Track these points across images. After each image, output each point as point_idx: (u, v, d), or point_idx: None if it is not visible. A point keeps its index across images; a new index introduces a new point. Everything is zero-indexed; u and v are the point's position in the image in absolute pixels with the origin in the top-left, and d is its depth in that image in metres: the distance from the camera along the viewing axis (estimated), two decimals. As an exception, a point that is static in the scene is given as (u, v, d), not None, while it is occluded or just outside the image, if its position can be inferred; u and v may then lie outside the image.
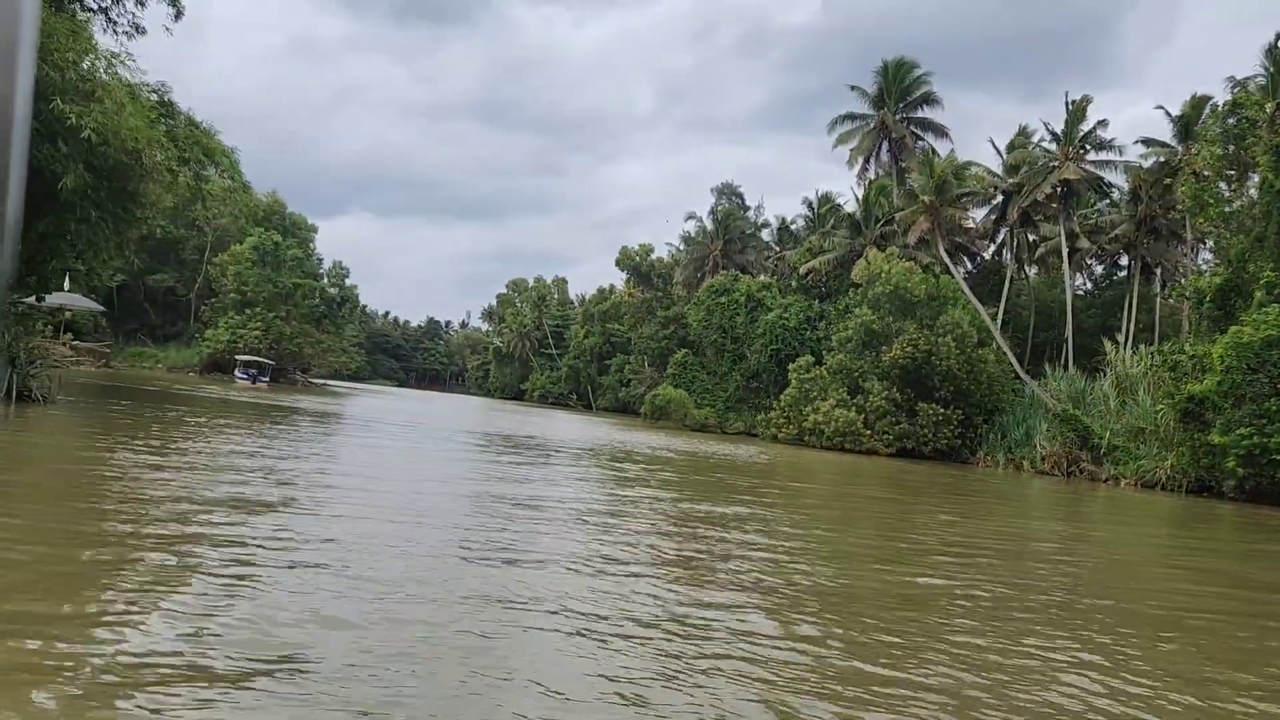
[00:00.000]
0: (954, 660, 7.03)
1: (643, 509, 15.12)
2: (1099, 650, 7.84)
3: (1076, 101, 52.49)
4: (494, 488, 16.41)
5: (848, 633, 7.65)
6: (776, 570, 10.30)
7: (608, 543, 11.13)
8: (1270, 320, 32.40)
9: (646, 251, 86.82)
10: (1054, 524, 21.47)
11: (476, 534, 10.76)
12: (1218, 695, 6.77)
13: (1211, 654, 8.30)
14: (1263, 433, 31.26)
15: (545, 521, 12.58)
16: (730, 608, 8.15)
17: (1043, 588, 11.10)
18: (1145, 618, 9.76)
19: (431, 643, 6.22)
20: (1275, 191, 34.88)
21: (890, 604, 9.13)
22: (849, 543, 14.12)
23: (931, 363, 43.72)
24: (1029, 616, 9.16)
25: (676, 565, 10.14)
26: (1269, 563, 17.65)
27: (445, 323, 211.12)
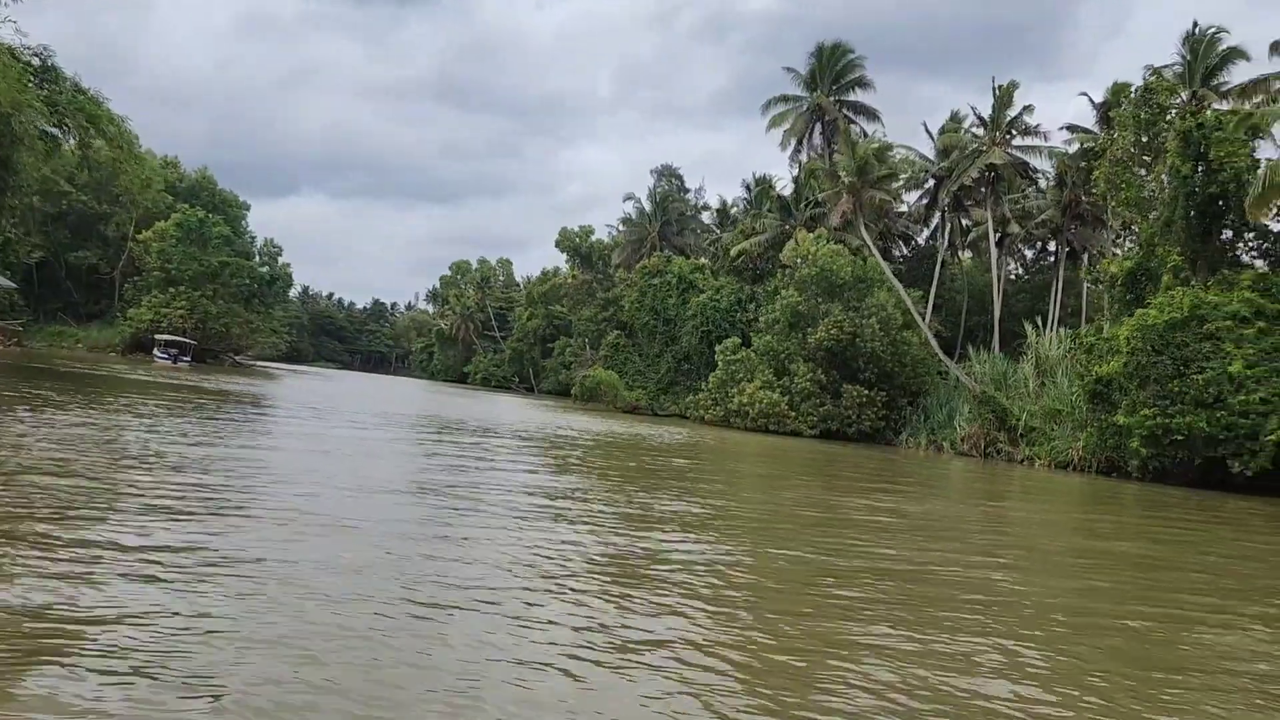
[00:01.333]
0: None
1: (557, 510, 14.88)
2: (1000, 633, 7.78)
3: (1003, 87, 53.10)
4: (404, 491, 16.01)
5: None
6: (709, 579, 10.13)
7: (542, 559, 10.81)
8: (1174, 303, 33.00)
9: (587, 233, 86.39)
10: (947, 504, 21.65)
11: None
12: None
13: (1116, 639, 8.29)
14: (1165, 413, 31.87)
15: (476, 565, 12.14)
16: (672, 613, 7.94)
17: (931, 563, 11.08)
18: (1037, 595, 9.76)
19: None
20: (1182, 177, 35.43)
21: (809, 579, 9.01)
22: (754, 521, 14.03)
23: (856, 345, 44.01)
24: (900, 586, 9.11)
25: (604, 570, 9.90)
26: (1145, 541, 17.94)
27: (391, 305, 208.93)
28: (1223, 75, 46.13)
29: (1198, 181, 35.48)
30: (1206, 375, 31.56)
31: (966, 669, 6.57)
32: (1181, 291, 33.55)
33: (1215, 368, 31.51)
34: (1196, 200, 35.68)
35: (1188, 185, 35.63)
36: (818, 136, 55.79)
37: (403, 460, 18.44)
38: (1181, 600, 10.28)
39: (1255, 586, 12.16)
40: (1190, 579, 12.18)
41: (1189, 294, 33.15)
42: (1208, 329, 32.29)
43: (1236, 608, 10.07)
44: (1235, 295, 32.47)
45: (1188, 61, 46.48)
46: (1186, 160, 35.56)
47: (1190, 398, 31.64)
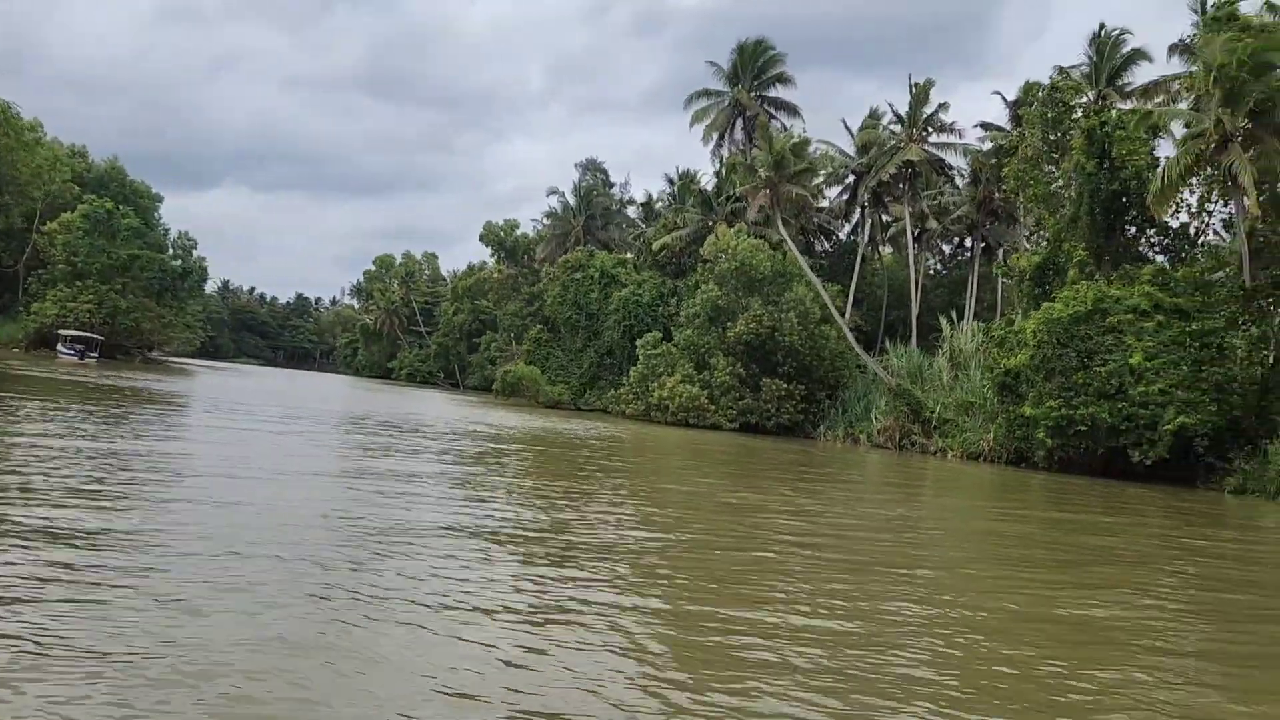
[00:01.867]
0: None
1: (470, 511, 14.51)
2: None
3: (920, 85, 53.95)
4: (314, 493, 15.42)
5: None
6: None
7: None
8: (1078, 297, 33.86)
9: (512, 227, 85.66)
10: (846, 492, 21.86)
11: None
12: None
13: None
14: (1070, 405, 32.69)
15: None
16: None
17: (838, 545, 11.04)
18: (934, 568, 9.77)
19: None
20: (1087, 174, 36.39)
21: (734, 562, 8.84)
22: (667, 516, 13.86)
23: (775, 339, 44.30)
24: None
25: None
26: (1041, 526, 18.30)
27: (316, 300, 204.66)
28: (1127, 76, 47.49)
29: (1101, 179, 36.48)
30: (1109, 367, 32.46)
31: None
32: (1085, 286, 34.44)
33: (1117, 360, 32.42)
34: (1101, 197, 36.68)
35: (1092, 182, 36.61)
36: (739, 132, 56.05)
37: (302, 458, 17.89)
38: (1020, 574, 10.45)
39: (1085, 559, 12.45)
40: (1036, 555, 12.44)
41: (1092, 288, 34.04)
42: (1110, 322, 33.19)
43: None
44: (1136, 289, 33.43)
45: (1094, 62, 47.73)
46: (1091, 158, 36.53)
47: (1093, 389, 32.51)
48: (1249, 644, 8.56)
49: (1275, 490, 28.59)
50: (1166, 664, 7.34)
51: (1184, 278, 33.65)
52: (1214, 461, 31.95)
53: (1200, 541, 17.08)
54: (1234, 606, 10.54)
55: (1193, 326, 32.08)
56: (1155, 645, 7.93)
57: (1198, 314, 32.60)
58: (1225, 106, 29.67)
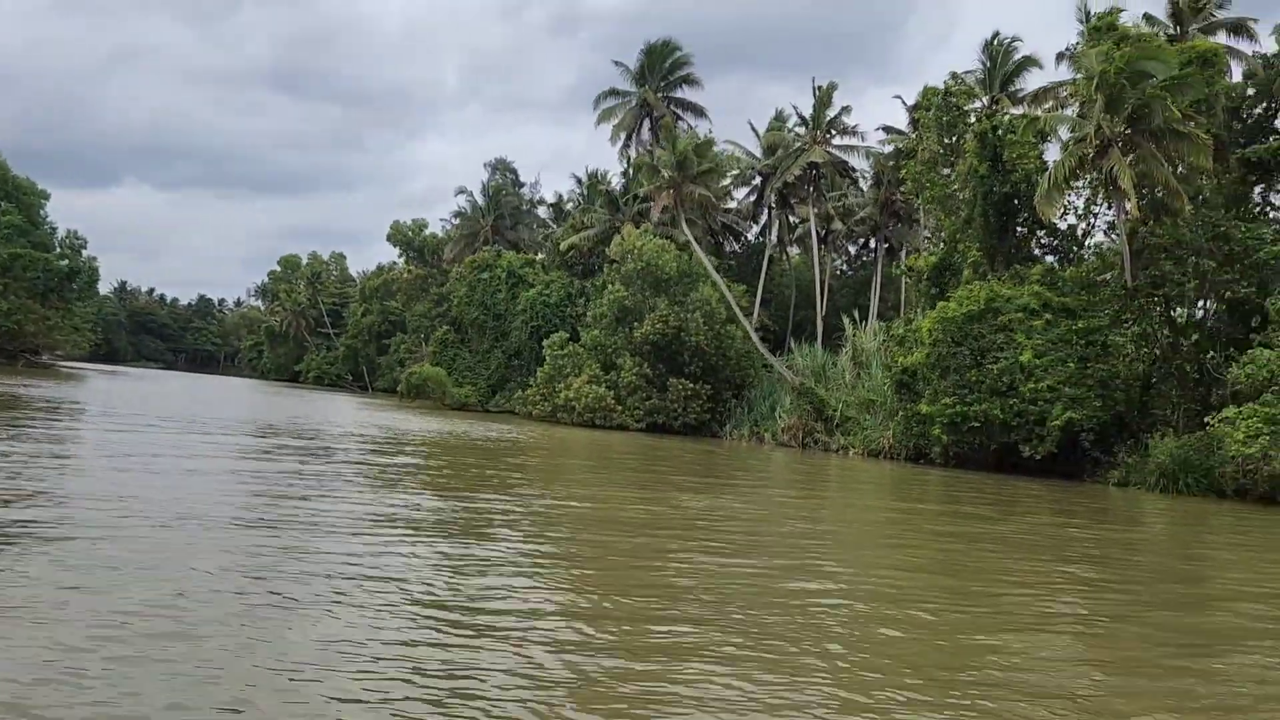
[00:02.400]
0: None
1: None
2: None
3: (823, 88, 54.80)
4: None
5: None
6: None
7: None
8: (972, 296, 34.70)
9: (420, 227, 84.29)
10: (735, 494, 21.91)
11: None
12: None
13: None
14: (964, 402, 33.46)
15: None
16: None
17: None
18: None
19: None
20: (980, 177, 37.33)
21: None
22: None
23: (681, 339, 44.40)
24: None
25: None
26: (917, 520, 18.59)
27: (220, 301, 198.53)
28: (1019, 82, 49.06)
29: (993, 181, 37.47)
30: (1000, 365, 33.32)
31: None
32: (978, 286, 35.33)
33: (1008, 358, 33.30)
34: (993, 199, 37.68)
35: (984, 185, 37.56)
36: (646, 132, 56.10)
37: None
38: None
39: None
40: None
41: (985, 288, 34.93)
42: (1001, 321, 34.09)
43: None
44: (1026, 289, 34.42)
45: (988, 68, 49.18)
46: (983, 161, 37.48)
47: (986, 386, 33.34)
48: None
49: (1154, 482, 29.68)
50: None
51: (1071, 278, 34.78)
52: (1099, 455, 33.10)
53: (1067, 530, 17.56)
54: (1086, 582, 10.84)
55: (1079, 325, 33.17)
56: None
57: (1084, 313, 33.73)
58: (1105, 112, 30.70)
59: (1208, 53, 33.36)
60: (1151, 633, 8.87)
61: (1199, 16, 39.23)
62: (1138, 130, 31.11)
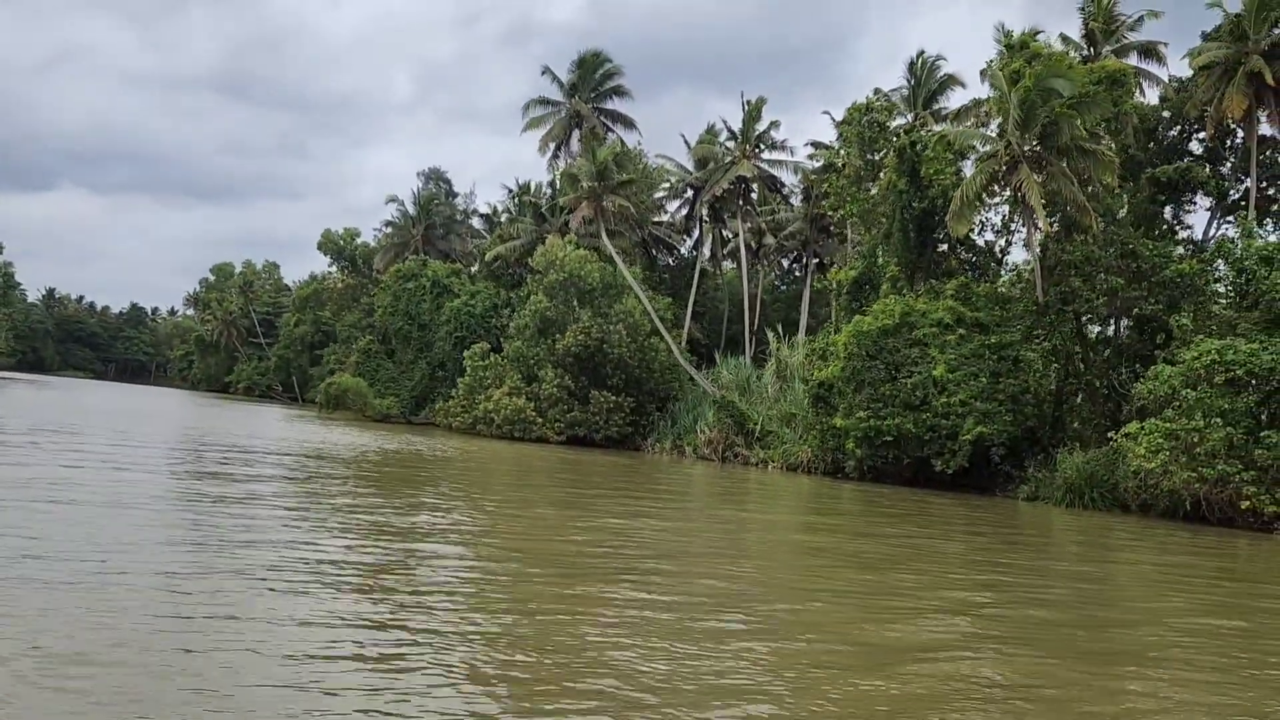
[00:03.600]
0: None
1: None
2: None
3: (752, 102, 54.85)
4: None
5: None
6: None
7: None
8: (887, 310, 34.72)
9: (352, 235, 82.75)
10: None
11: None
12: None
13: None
14: (878, 416, 33.39)
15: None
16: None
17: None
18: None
19: None
20: (899, 192, 37.47)
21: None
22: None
23: (604, 351, 43.88)
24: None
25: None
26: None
27: (153, 310, 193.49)
28: (942, 100, 49.47)
29: (912, 197, 37.64)
30: (914, 379, 33.33)
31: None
32: (894, 300, 35.37)
33: (922, 372, 33.32)
34: (911, 214, 37.85)
35: (903, 200, 37.71)
36: (576, 143, 55.62)
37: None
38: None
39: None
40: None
41: (900, 302, 34.98)
42: (916, 335, 34.13)
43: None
44: (941, 304, 34.51)
45: (912, 86, 49.54)
46: (902, 176, 37.63)
47: (900, 400, 33.32)
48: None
49: (1061, 497, 29.83)
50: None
51: (984, 293, 34.96)
52: (1011, 470, 33.26)
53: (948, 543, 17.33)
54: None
55: (991, 340, 33.34)
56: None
57: (996, 328, 33.92)
58: (1015, 130, 30.95)
59: (1116, 73, 33.87)
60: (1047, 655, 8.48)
61: (1111, 39, 39.91)
62: (1047, 147, 31.41)
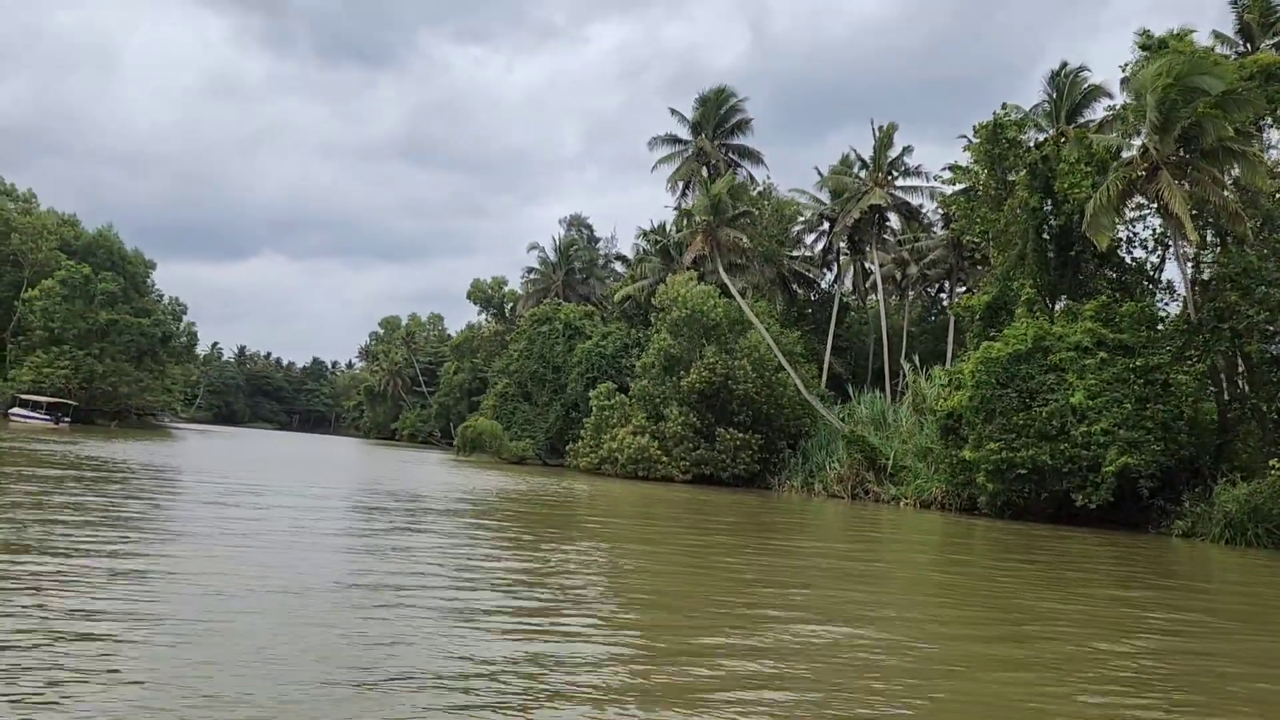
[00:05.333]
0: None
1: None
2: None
3: (883, 129, 53.30)
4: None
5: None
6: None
7: None
8: (1018, 334, 32.56)
9: (499, 284, 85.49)
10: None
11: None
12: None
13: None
14: (1010, 447, 31.19)
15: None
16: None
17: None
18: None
19: None
20: (1031, 209, 35.32)
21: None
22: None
23: (729, 387, 43.11)
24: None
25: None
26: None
27: (333, 363, 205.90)
28: (1087, 113, 46.53)
29: (1046, 214, 35.41)
30: (1050, 407, 31.04)
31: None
32: (1026, 323, 33.15)
33: (1059, 399, 31.00)
34: (1049, 232, 35.58)
35: (1036, 218, 35.55)
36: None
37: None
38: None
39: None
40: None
41: (1033, 325, 32.77)
42: (1052, 360, 31.86)
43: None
44: (1079, 326, 32.11)
45: (1054, 100, 46.86)
46: (1034, 193, 35.52)
47: (1034, 430, 31.06)
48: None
49: (1219, 533, 26.89)
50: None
51: (1128, 313, 32.23)
52: (1165, 504, 30.29)
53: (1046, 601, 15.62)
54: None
55: (1137, 363, 30.65)
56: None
57: (1143, 350, 31.18)
58: (1154, 133, 28.58)
59: (1272, 66, 30.82)
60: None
61: (1269, 32, 36.48)
62: (1190, 151, 28.82)
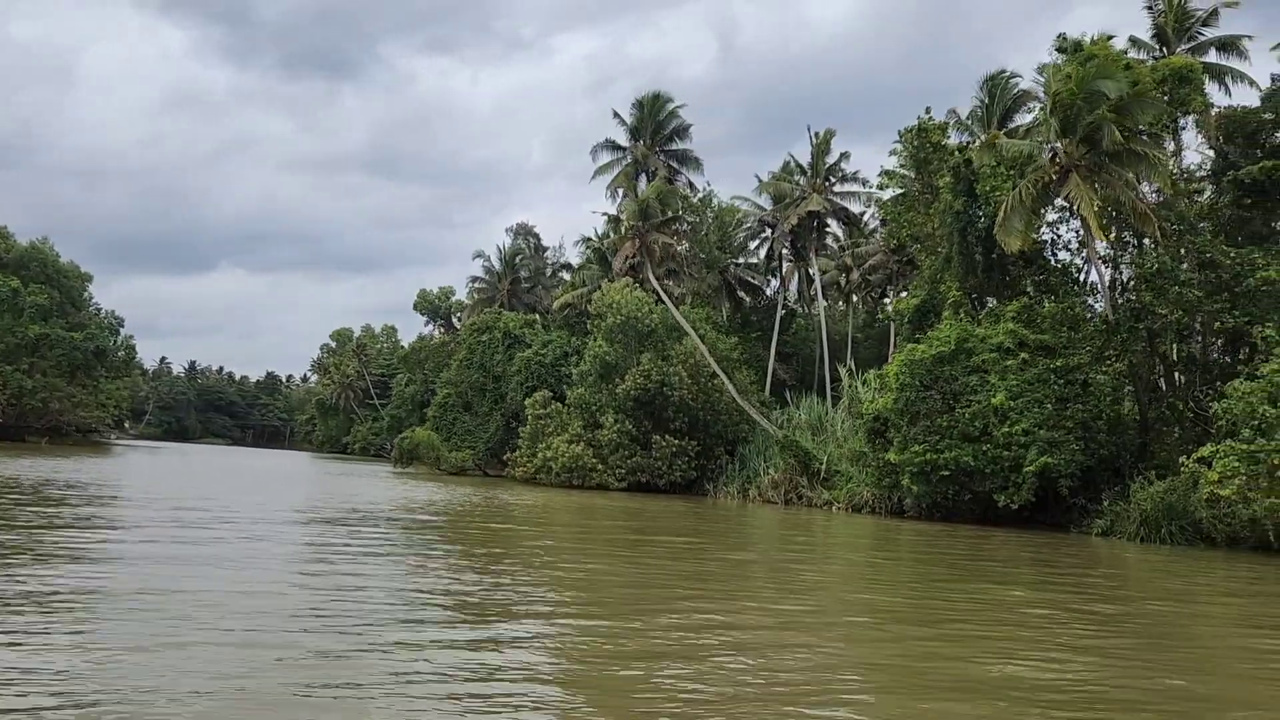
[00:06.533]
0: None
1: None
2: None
3: (820, 135, 53.57)
4: None
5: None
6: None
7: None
8: (942, 336, 32.71)
9: (447, 294, 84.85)
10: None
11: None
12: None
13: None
14: (934, 449, 31.28)
15: None
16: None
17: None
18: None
19: None
20: (955, 213, 35.56)
21: None
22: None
23: (665, 393, 42.97)
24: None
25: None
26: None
27: (287, 377, 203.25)
28: (1018, 118, 47.08)
29: (969, 216, 35.68)
30: (973, 409, 31.18)
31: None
32: (949, 325, 33.34)
33: (981, 401, 31.15)
34: (973, 234, 35.83)
35: (961, 221, 35.78)
36: (644, 186, 55.42)
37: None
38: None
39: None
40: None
41: (956, 327, 32.94)
42: (974, 362, 32.03)
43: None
44: (1001, 328, 32.32)
45: (985, 104, 47.36)
46: (959, 196, 35.76)
47: (958, 432, 31.19)
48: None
49: (1135, 531, 27.13)
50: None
51: (1049, 314, 32.55)
52: (1086, 504, 30.53)
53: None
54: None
55: (1057, 363, 30.92)
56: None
57: (1063, 350, 31.47)
58: (1059, 137, 28.91)
59: (1182, 69, 31.36)
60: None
61: (1185, 37, 37.15)
62: (1098, 153, 29.18)
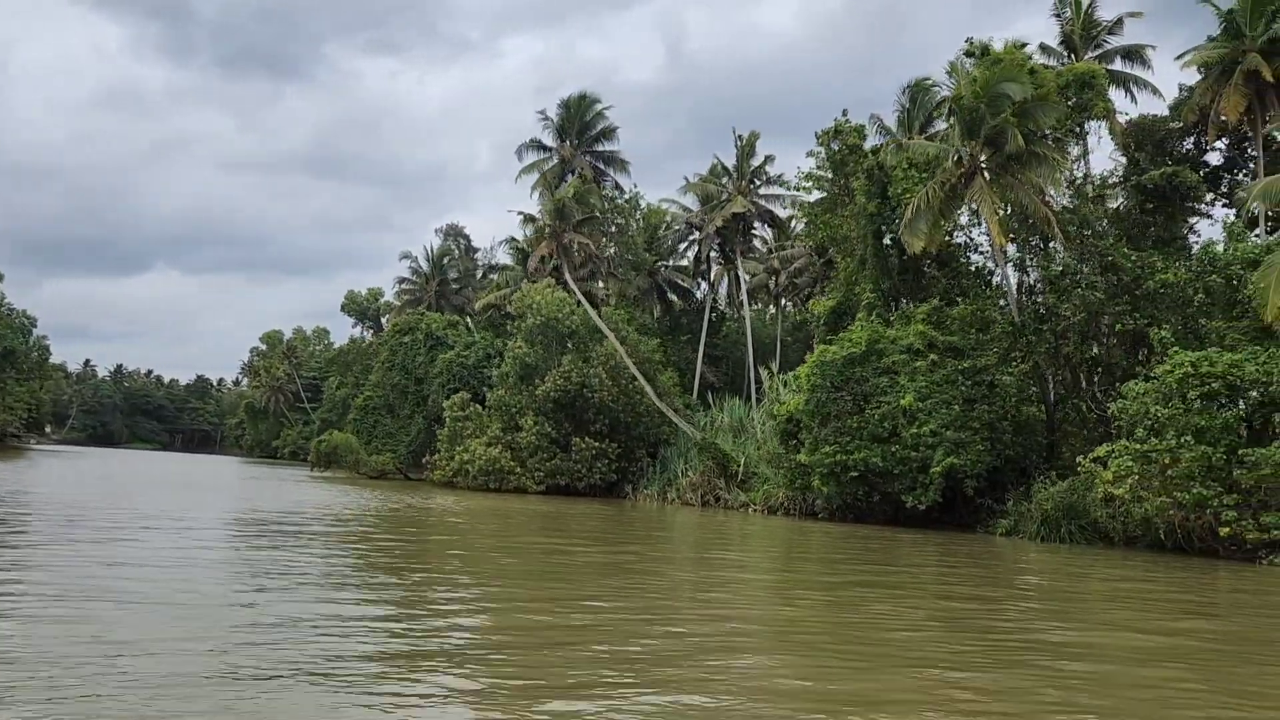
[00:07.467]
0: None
1: None
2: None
3: (745, 138, 53.66)
4: None
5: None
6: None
7: None
8: (854, 338, 32.81)
9: (375, 295, 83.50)
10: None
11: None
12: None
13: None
14: (844, 450, 31.33)
15: None
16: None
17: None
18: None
19: None
20: (869, 214, 35.76)
21: None
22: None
23: (585, 395, 42.59)
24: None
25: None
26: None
27: (218, 380, 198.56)
28: (939, 123, 47.64)
29: (885, 218, 35.89)
30: (882, 410, 31.30)
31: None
32: (861, 326, 33.47)
33: (891, 401, 31.29)
34: (890, 236, 36.05)
35: (874, 223, 35.99)
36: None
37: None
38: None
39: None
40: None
41: (868, 328, 33.06)
42: (885, 363, 32.16)
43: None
44: (911, 329, 32.51)
45: (907, 110, 47.84)
46: (872, 199, 35.96)
47: (867, 433, 31.28)
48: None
49: (1036, 530, 27.42)
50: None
51: (958, 315, 32.85)
52: (992, 504, 30.81)
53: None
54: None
55: (965, 365, 31.19)
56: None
57: (971, 352, 31.77)
58: (964, 139, 29.18)
59: (1086, 74, 31.88)
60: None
61: (1092, 44, 37.88)
62: (1001, 155, 29.50)
